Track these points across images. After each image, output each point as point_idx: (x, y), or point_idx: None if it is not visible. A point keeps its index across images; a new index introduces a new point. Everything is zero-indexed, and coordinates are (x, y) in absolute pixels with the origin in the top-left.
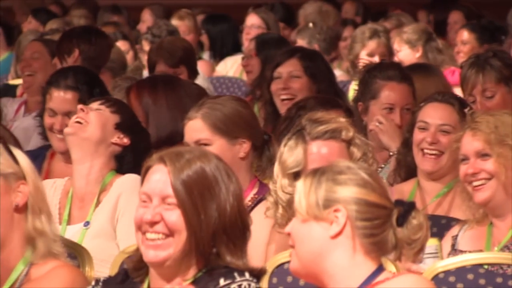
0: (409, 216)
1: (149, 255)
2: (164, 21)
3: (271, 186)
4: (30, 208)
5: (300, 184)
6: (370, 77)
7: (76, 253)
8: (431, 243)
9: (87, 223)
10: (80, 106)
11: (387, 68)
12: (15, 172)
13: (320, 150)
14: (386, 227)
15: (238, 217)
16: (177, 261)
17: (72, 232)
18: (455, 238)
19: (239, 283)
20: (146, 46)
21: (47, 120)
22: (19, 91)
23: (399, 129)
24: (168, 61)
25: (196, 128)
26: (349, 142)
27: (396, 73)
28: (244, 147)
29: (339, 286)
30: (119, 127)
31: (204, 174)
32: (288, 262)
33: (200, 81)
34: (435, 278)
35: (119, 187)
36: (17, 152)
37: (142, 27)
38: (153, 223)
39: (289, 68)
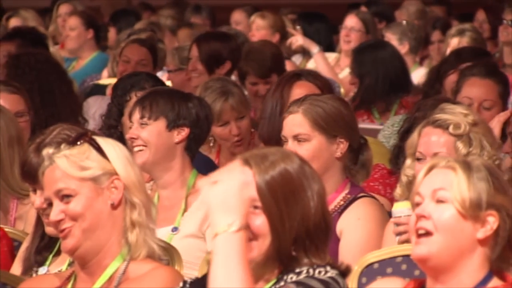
0: None
1: None
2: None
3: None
4: (126, 201)
5: (454, 175)
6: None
7: (166, 252)
8: None
9: (175, 229)
10: (128, 136)
11: (474, 64)
12: (105, 171)
13: (428, 135)
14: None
15: (322, 218)
16: (260, 264)
17: (159, 235)
18: None
19: (315, 269)
20: None
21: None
22: (108, 91)
23: None
24: (258, 72)
25: (296, 122)
26: (456, 137)
27: (480, 69)
28: (341, 147)
29: (456, 286)
30: (170, 126)
31: (289, 176)
32: (377, 262)
33: None
34: None
35: None
36: (106, 145)
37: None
38: None
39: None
